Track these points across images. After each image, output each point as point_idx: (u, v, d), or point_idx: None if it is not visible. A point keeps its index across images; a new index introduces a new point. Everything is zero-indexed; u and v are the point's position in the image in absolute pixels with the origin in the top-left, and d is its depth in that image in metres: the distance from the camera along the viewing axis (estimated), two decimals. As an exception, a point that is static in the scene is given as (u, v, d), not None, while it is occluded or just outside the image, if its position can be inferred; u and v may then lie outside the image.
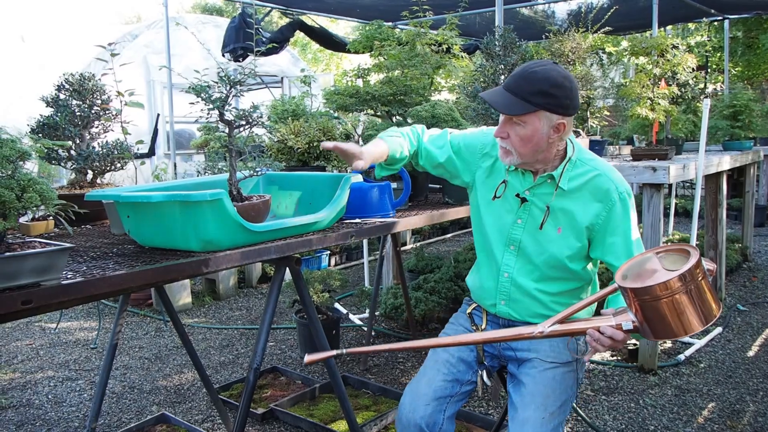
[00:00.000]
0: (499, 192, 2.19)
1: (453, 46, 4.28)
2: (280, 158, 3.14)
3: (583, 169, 2.09)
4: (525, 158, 2.06)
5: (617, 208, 2.06)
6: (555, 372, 2.13)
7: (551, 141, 2.03)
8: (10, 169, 1.55)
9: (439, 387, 2.18)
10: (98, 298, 1.92)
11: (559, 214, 2.10)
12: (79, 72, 2.88)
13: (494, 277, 2.22)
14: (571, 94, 1.98)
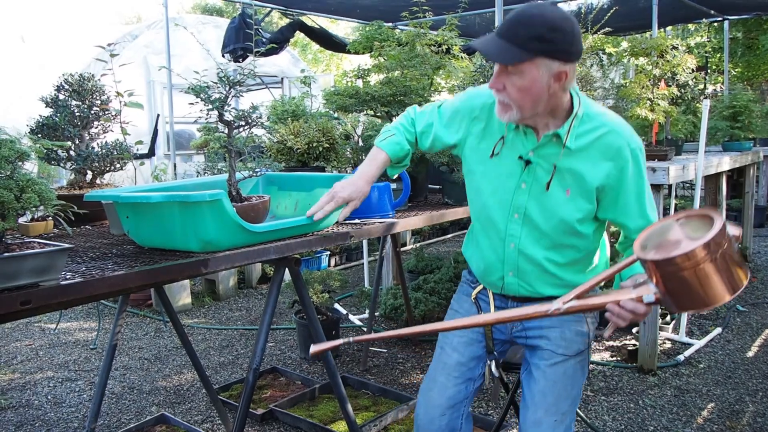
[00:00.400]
0: (498, 149, 1.99)
1: (453, 46, 4.28)
2: (279, 159, 3.14)
3: (592, 125, 1.90)
4: (525, 112, 1.84)
5: (629, 166, 1.89)
6: (566, 366, 2.03)
7: (552, 92, 1.81)
8: (9, 170, 1.55)
9: (452, 394, 2.10)
10: (97, 298, 1.93)
11: (566, 175, 1.91)
12: (79, 72, 2.88)
13: (499, 248, 2.04)
14: (572, 38, 1.77)
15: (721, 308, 5.33)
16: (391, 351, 4.64)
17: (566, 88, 1.85)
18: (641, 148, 1.93)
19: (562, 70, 1.78)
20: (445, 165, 3.17)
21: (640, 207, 1.93)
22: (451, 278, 5.24)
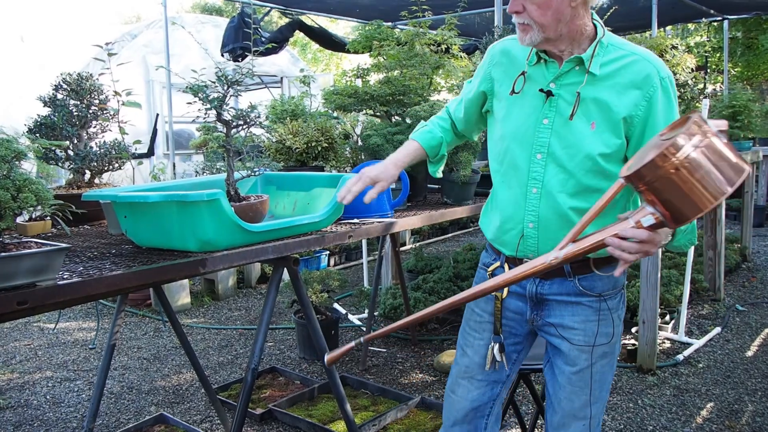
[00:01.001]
0: (518, 86, 1.87)
1: (452, 46, 4.27)
2: (278, 158, 3.13)
3: (618, 54, 1.79)
4: (547, 31, 1.74)
5: (659, 95, 1.76)
6: (593, 371, 1.91)
7: (574, 5, 1.72)
8: (6, 169, 1.54)
9: (475, 397, 2.03)
10: (95, 298, 1.92)
11: (591, 105, 1.78)
12: (77, 72, 2.88)
13: (520, 197, 1.87)
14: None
15: (720, 308, 5.33)
16: (390, 351, 4.64)
17: (588, 5, 1.77)
18: (671, 78, 1.80)
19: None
20: (445, 164, 3.16)
21: None
22: (451, 278, 5.24)
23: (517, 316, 1.98)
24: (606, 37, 1.80)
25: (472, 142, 3.14)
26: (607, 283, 1.88)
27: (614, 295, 1.91)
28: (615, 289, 1.91)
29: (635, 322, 4.28)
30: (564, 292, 1.89)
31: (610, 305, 1.90)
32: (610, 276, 1.86)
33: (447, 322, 5.08)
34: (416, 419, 3.50)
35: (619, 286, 1.93)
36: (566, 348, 1.92)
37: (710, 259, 5.57)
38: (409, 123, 3.28)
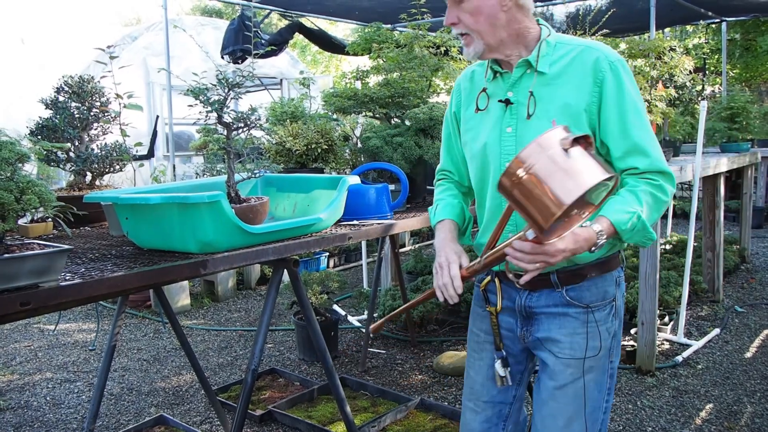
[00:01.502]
0: (482, 104, 1.88)
1: (451, 48, 4.29)
2: (278, 160, 3.15)
3: (566, 49, 1.80)
4: (486, 38, 1.77)
5: (608, 78, 1.75)
6: (576, 387, 1.84)
7: (505, 8, 1.74)
8: (9, 171, 1.56)
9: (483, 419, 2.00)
10: (96, 299, 1.93)
11: (548, 104, 1.78)
12: (79, 74, 2.89)
13: (496, 208, 1.87)
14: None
15: (719, 309, 5.34)
16: (389, 352, 4.65)
17: (523, 7, 1.77)
18: (622, 62, 1.78)
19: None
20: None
21: (622, 126, 1.74)
22: (450, 279, 5.24)
23: (510, 333, 1.95)
24: (552, 36, 1.82)
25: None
26: (596, 293, 1.84)
27: (602, 306, 1.85)
28: (604, 301, 1.85)
29: (634, 324, 4.29)
30: (552, 304, 1.85)
31: (597, 317, 1.84)
32: (598, 287, 1.83)
33: (446, 324, 5.09)
34: (416, 420, 3.51)
35: (608, 297, 1.86)
36: (551, 362, 1.86)
37: (709, 261, 5.59)
38: (408, 125, 3.30)
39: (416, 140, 3.18)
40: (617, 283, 1.89)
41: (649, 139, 1.76)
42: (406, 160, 3.13)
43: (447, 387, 4.01)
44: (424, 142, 3.17)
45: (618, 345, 1.91)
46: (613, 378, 1.90)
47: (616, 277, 1.88)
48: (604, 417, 1.89)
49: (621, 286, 1.90)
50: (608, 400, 1.90)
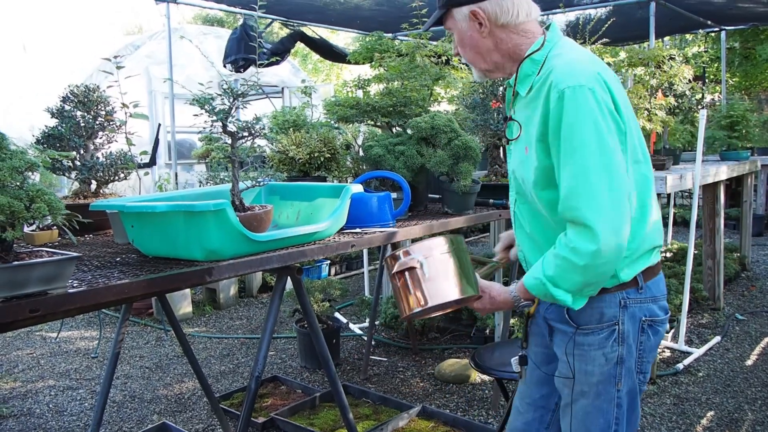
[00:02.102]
0: (508, 132, 1.84)
1: (452, 57, 4.32)
2: (281, 169, 3.17)
3: (547, 68, 1.68)
4: (479, 65, 1.81)
5: (555, 106, 1.60)
6: (575, 408, 1.79)
7: (484, 34, 1.73)
8: (20, 180, 1.58)
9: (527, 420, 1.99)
10: (104, 306, 1.95)
11: (522, 128, 1.74)
12: (82, 83, 2.92)
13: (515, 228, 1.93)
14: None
15: (720, 317, 5.36)
16: (391, 359, 4.66)
17: (506, 26, 1.73)
18: (575, 85, 1.58)
19: (473, 9, 1.72)
20: (445, 175, 3.20)
21: (564, 177, 1.60)
22: (451, 287, 5.26)
23: (542, 340, 1.93)
24: (544, 50, 1.72)
25: (472, 153, 3.18)
26: (589, 314, 1.74)
27: (597, 330, 1.74)
28: (600, 324, 1.73)
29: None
30: (556, 318, 1.81)
31: (589, 340, 1.74)
32: (593, 307, 1.72)
33: (448, 332, 5.11)
34: (417, 428, 3.52)
35: (605, 320, 1.73)
36: (556, 381, 1.86)
37: (709, 269, 5.60)
38: (410, 134, 3.32)
39: (418, 149, 3.20)
40: (622, 305, 1.73)
41: (577, 185, 1.57)
42: (408, 169, 3.15)
43: (448, 394, 4.02)
44: (426, 150, 3.19)
45: (629, 374, 1.75)
46: (624, 408, 1.77)
47: (620, 299, 1.72)
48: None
49: (632, 309, 1.73)
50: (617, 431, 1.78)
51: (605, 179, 1.55)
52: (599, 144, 1.56)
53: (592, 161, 1.55)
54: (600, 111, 1.57)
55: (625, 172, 1.60)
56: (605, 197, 1.55)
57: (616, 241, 1.56)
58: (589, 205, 1.55)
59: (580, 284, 1.62)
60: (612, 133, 1.58)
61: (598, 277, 1.62)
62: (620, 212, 1.57)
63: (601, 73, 1.63)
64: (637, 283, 1.74)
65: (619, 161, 1.58)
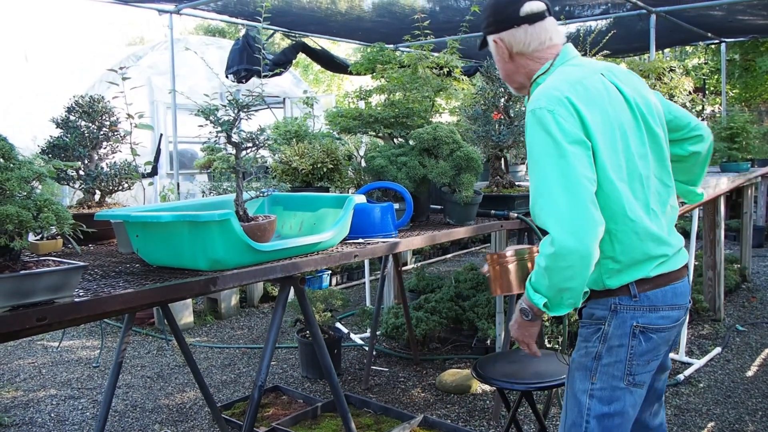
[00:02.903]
0: None
1: (454, 69, 4.35)
2: (284, 179, 3.19)
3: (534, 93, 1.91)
4: (508, 83, 2.12)
5: (525, 130, 1.82)
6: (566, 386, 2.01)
7: (507, 61, 2.01)
8: (28, 190, 1.60)
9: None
10: (109, 315, 1.97)
11: None
12: (87, 93, 2.95)
13: None
14: (490, 9, 2.02)
15: (720, 328, 5.36)
16: (392, 370, 4.66)
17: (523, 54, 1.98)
18: (536, 110, 1.78)
19: (494, 38, 2.00)
20: (447, 186, 3.22)
21: (531, 189, 1.79)
22: (452, 298, 5.27)
23: None
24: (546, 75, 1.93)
25: (474, 164, 3.20)
26: (587, 311, 1.95)
27: (587, 325, 1.95)
28: (590, 319, 1.93)
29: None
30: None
31: (581, 332, 1.98)
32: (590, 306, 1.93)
33: (449, 342, 5.11)
34: (419, 438, 3.52)
35: (594, 319, 1.92)
36: None
37: (710, 280, 5.61)
38: (412, 145, 3.34)
39: (420, 160, 3.22)
40: (612, 309, 1.88)
41: (538, 196, 1.75)
42: (411, 180, 3.17)
43: (450, 405, 4.03)
44: (428, 161, 3.21)
45: (605, 370, 1.89)
46: (595, 400, 1.89)
47: (612, 303, 1.88)
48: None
49: (621, 314, 1.87)
50: (588, 422, 1.89)
51: (561, 188, 1.69)
52: (556, 158, 1.72)
53: (549, 172, 1.72)
54: (559, 129, 1.73)
55: (588, 182, 1.72)
56: (562, 204, 1.69)
57: (574, 244, 1.66)
58: (548, 212, 1.72)
59: (550, 288, 1.75)
60: (570, 150, 1.72)
61: (565, 282, 1.72)
62: (579, 217, 1.68)
63: (570, 96, 1.78)
64: (629, 292, 1.86)
65: (578, 173, 1.71)
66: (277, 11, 6.71)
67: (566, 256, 1.67)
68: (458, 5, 6.85)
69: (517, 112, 3.51)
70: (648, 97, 1.98)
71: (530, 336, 1.92)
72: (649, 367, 1.92)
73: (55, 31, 21.54)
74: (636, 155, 1.85)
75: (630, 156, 1.84)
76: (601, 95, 1.84)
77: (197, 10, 6.81)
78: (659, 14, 7.01)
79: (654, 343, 1.90)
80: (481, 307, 5.01)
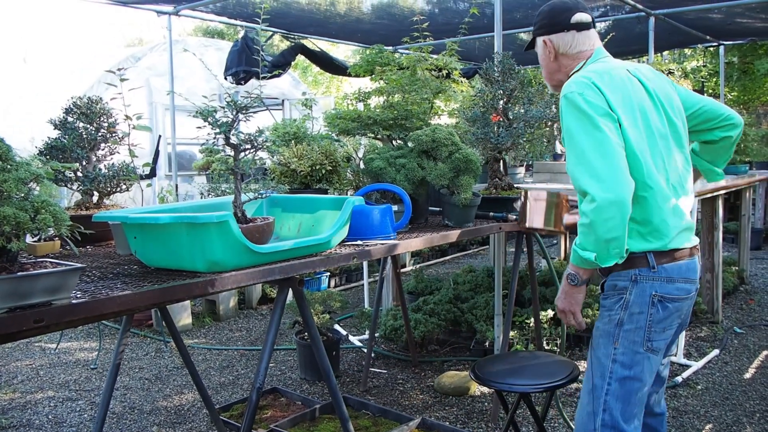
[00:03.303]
0: None
1: (453, 71, 4.35)
2: (282, 181, 3.19)
3: None
4: (548, 81, 2.42)
5: (560, 112, 2.14)
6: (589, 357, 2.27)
7: (552, 60, 2.33)
8: (25, 191, 1.59)
9: None
10: (107, 317, 1.96)
11: None
12: (85, 94, 2.94)
13: None
14: (545, 14, 2.32)
15: (718, 330, 5.36)
16: (391, 372, 4.66)
17: (567, 54, 2.30)
18: (568, 95, 2.09)
19: (544, 39, 2.33)
20: (446, 188, 3.22)
21: (568, 162, 2.08)
22: (451, 300, 5.27)
23: None
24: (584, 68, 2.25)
25: (473, 166, 3.20)
26: (609, 284, 2.21)
27: (611, 295, 2.20)
28: (613, 291, 2.19)
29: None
30: None
31: (603, 303, 2.24)
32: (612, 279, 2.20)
33: (447, 344, 5.11)
34: (417, 440, 3.52)
35: (617, 290, 2.18)
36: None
37: (708, 282, 5.61)
38: (411, 147, 3.34)
39: (419, 162, 3.22)
40: (633, 280, 2.13)
41: (577, 164, 2.04)
42: (409, 182, 3.16)
43: (448, 407, 4.02)
44: (426, 163, 3.21)
45: (627, 336, 2.14)
46: (618, 364, 2.15)
47: (633, 274, 2.13)
48: (608, 398, 2.15)
49: (642, 284, 2.13)
50: (611, 383, 2.15)
51: (598, 154, 1.99)
52: (591, 128, 2.02)
53: (586, 144, 2.02)
54: (589, 106, 2.04)
55: (619, 148, 2.01)
56: (599, 166, 1.98)
57: (612, 196, 1.94)
58: (587, 176, 1.99)
59: (597, 242, 2.01)
60: (601, 122, 2.02)
61: (608, 232, 1.97)
62: (615, 175, 1.97)
63: (596, 81, 2.09)
64: (648, 263, 2.13)
65: (611, 140, 2.01)
66: (276, 13, 6.71)
67: (607, 208, 1.94)
68: (457, 7, 6.85)
69: (516, 115, 3.51)
70: (670, 92, 2.27)
71: (577, 303, 2.18)
72: (664, 335, 2.17)
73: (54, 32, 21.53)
74: (656, 134, 2.12)
75: (651, 133, 2.11)
76: (624, 83, 2.13)
77: (196, 11, 6.80)
78: (658, 17, 7.02)
79: (669, 311, 2.15)
80: (479, 309, 5.01)
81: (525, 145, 3.66)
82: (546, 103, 3.58)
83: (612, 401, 2.14)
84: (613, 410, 2.14)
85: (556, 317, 4.78)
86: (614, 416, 2.13)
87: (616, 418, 2.13)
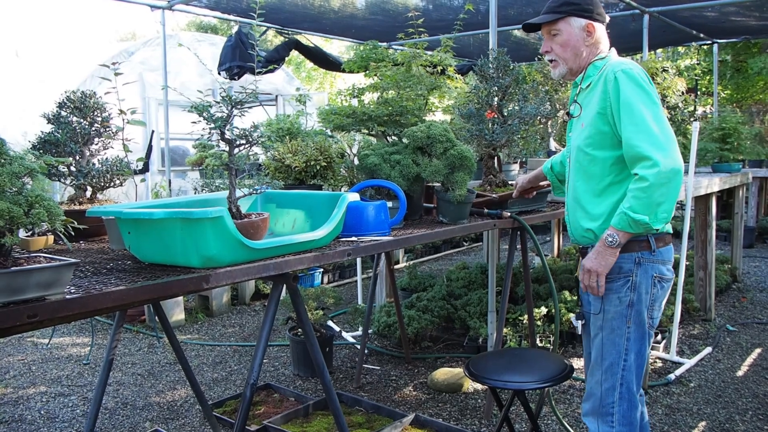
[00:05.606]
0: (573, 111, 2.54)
1: (447, 67, 4.34)
2: (277, 177, 3.18)
3: (603, 69, 2.38)
4: (569, 63, 2.47)
5: (611, 87, 2.28)
6: (597, 339, 2.42)
7: (587, 44, 2.43)
8: (19, 186, 1.58)
9: None
10: (101, 312, 1.95)
11: (582, 111, 2.45)
12: (78, 89, 2.92)
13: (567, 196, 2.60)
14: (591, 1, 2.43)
15: (711, 328, 5.38)
16: (384, 368, 4.66)
17: (599, 42, 2.45)
18: (627, 70, 2.27)
19: (590, 23, 2.42)
20: (440, 184, 3.21)
21: (626, 131, 2.22)
22: (444, 296, 5.27)
23: None
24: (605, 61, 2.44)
25: (468, 162, 3.20)
26: (614, 269, 2.35)
27: (616, 278, 2.36)
28: (618, 275, 2.36)
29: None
30: None
31: (610, 287, 2.38)
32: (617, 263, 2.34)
33: (440, 341, 5.11)
34: (411, 436, 3.52)
35: (623, 272, 2.35)
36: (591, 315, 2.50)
37: (701, 280, 5.63)
38: (405, 143, 3.33)
39: (414, 158, 3.21)
40: (637, 262, 2.34)
41: (637, 132, 2.20)
42: (404, 178, 3.16)
43: (441, 403, 4.03)
44: (421, 159, 3.20)
45: (638, 315, 2.35)
46: (632, 341, 2.35)
47: (636, 257, 2.34)
48: (624, 373, 2.36)
49: (645, 266, 2.34)
50: (627, 359, 2.36)
51: (656, 124, 2.19)
52: (649, 102, 2.23)
53: (646, 113, 2.20)
54: (650, 84, 2.28)
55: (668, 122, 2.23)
56: (660, 137, 2.17)
57: (671, 163, 2.14)
58: (646, 141, 2.17)
59: (652, 204, 2.17)
60: (657, 100, 2.26)
61: (664, 196, 2.16)
62: (671, 145, 2.18)
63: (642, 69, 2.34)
64: (649, 246, 2.35)
65: (663, 115, 2.23)
66: (270, 8, 6.69)
67: (667, 173, 2.13)
68: (451, 4, 6.85)
69: (511, 112, 3.51)
70: None
71: (606, 266, 2.31)
72: (659, 312, 2.42)
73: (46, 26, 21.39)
74: None
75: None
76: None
77: (189, 6, 6.76)
78: (652, 14, 7.03)
79: (665, 291, 2.41)
80: (472, 305, 5.01)
81: (519, 142, 3.66)
82: (540, 100, 3.58)
83: (628, 375, 2.37)
84: (630, 383, 2.37)
85: (549, 314, 4.79)
86: (630, 388, 2.37)
87: (631, 389, 2.37)
